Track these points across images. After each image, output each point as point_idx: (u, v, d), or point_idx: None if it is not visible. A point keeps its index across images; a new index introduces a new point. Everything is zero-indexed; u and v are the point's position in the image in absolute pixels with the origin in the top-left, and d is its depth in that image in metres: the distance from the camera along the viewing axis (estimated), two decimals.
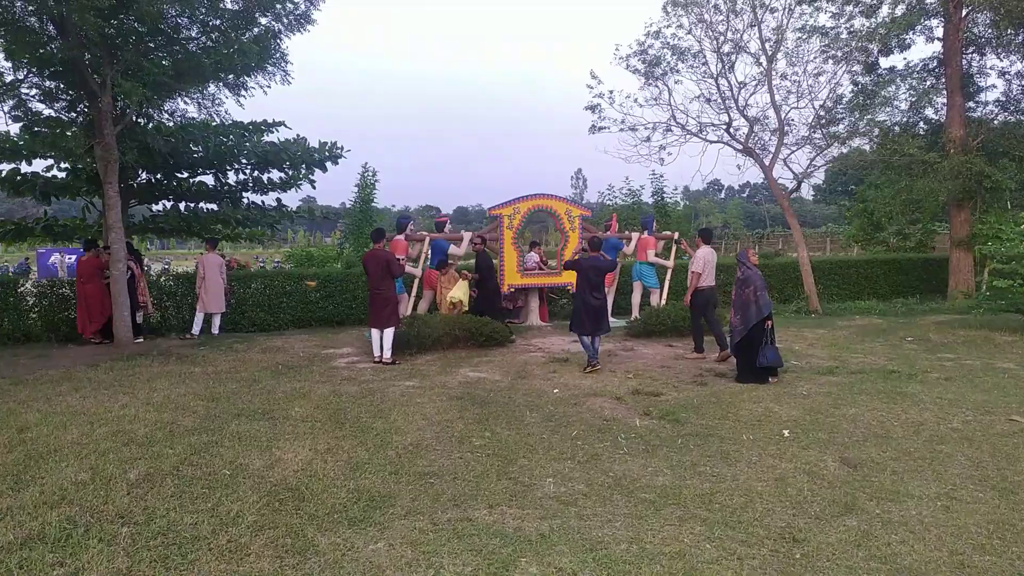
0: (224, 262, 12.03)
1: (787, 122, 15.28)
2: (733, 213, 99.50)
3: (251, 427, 6.19)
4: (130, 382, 8.11)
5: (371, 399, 7.33)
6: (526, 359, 9.75)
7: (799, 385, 8.02)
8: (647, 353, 10.33)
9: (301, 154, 12.71)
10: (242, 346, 10.65)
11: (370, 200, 15.07)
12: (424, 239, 11.72)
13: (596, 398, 7.41)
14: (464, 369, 9.01)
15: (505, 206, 12.10)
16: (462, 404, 7.11)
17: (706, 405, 7.11)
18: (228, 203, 13.56)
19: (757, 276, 8.42)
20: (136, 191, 12.59)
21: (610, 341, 11.27)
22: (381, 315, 9.38)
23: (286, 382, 8.17)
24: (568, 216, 12.55)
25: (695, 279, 9.80)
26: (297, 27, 12.07)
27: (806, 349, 10.58)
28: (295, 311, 12.87)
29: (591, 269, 8.86)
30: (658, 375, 8.67)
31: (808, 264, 15.05)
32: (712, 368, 9.10)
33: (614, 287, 13.43)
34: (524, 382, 8.23)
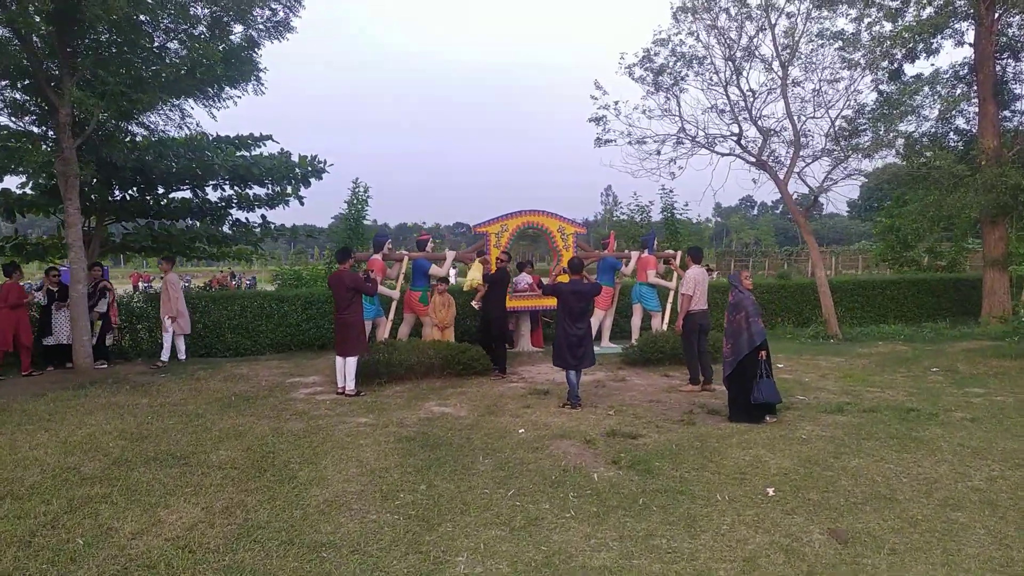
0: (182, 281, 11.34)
1: (803, 133, 14.30)
2: (765, 230, 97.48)
3: (156, 476, 5.45)
4: (62, 416, 7.46)
5: (311, 440, 6.56)
6: (503, 391, 8.92)
7: (800, 426, 7.05)
8: (639, 384, 9.42)
9: (280, 169, 12.09)
10: (206, 373, 9.98)
11: (361, 216, 14.43)
12: (403, 259, 10.98)
13: (563, 441, 6.54)
14: (430, 403, 8.20)
15: (492, 223, 11.32)
16: (410, 447, 6.31)
17: (686, 451, 6.20)
18: (210, 220, 13.04)
19: (750, 301, 7.50)
20: (111, 208, 12.09)
21: (602, 370, 10.40)
22: (344, 342, 8.64)
23: (230, 417, 7.46)
24: (561, 234, 11.73)
25: (685, 302, 8.89)
26: (275, 35, 11.56)
27: (817, 381, 9.57)
28: (274, 334, 12.20)
29: (572, 295, 8.01)
30: (643, 412, 7.77)
31: (826, 285, 13.98)
32: (706, 403, 8.16)
33: (612, 309, 12.53)
34: (491, 419, 7.40)
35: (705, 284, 9.03)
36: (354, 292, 8.62)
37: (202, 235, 12.02)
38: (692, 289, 8.87)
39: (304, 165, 12.47)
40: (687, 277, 8.97)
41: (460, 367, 9.66)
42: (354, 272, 8.89)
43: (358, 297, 8.73)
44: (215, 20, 10.69)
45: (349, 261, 8.80)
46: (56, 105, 9.49)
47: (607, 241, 12.64)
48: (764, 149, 14.56)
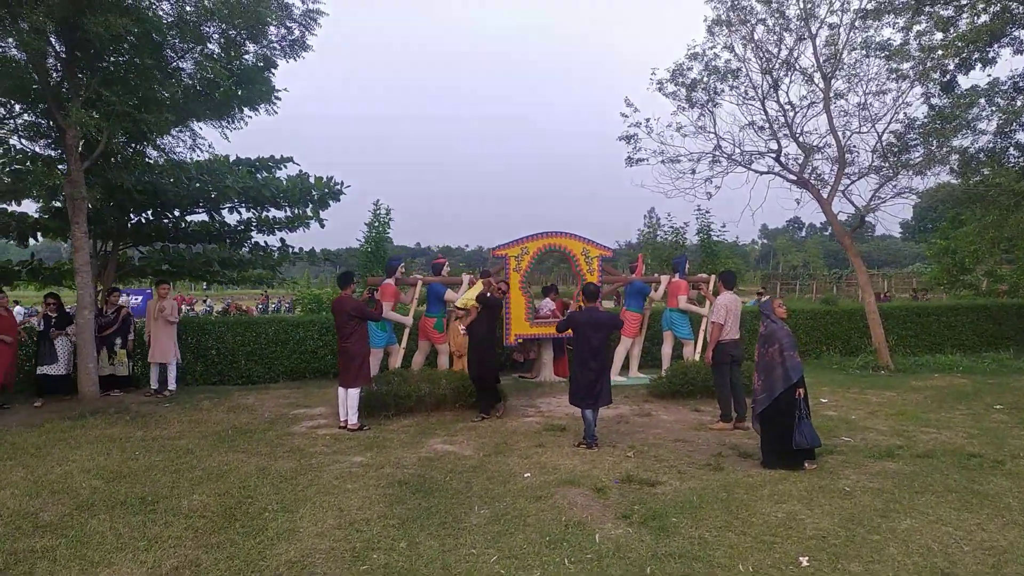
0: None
1: (848, 149, 13.43)
2: (813, 252, 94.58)
3: (115, 525, 4.96)
4: (48, 451, 7.09)
5: (296, 483, 6.02)
6: (516, 426, 8.28)
7: (843, 475, 6.24)
8: (665, 421, 8.67)
9: (295, 191, 11.75)
10: (211, 403, 9.58)
11: (383, 239, 14.03)
12: (416, 283, 10.47)
13: (571, 488, 5.86)
14: (436, 439, 7.61)
15: (511, 246, 10.75)
16: (401, 494, 5.71)
17: (710, 504, 5.46)
18: (229, 244, 12.77)
19: (784, 332, 6.74)
20: (128, 232, 11.90)
21: (626, 403, 9.68)
22: (347, 372, 8.13)
23: (220, 454, 6.98)
24: (585, 257, 11.08)
25: (716, 331, 8.15)
26: (291, 54, 11.30)
27: (865, 419, 8.68)
28: (289, 361, 11.79)
29: (588, 326, 7.33)
30: (666, 453, 7.03)
31: (875, 311, 12.99)
32: (738, 444, 7.39)
33: (641, 337, 11.80)
34: (497, 460, 6.76)
35: (738, 312, 8.28)
36: (357, 319, 8.13)
37: (217, 259, 11.71)
38: (723, 317, 8.13)
39: (320, 187, 12.12)
40: (718, 304, 8.24)
41: (473, 399, 9.05)
42: (357, 298, 8.38)
43: (362, 325, 8.24)
44: (228, 40, 10.48)
45: (351, 286, 8.32)
46: (64, 126, 9.31)
47: (635, 264, 11.94)
48: (806, 166, 13.71)
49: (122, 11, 8.43)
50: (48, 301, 9.99)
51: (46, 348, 9.84)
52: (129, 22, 8.35)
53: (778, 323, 6.87)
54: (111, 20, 8.20)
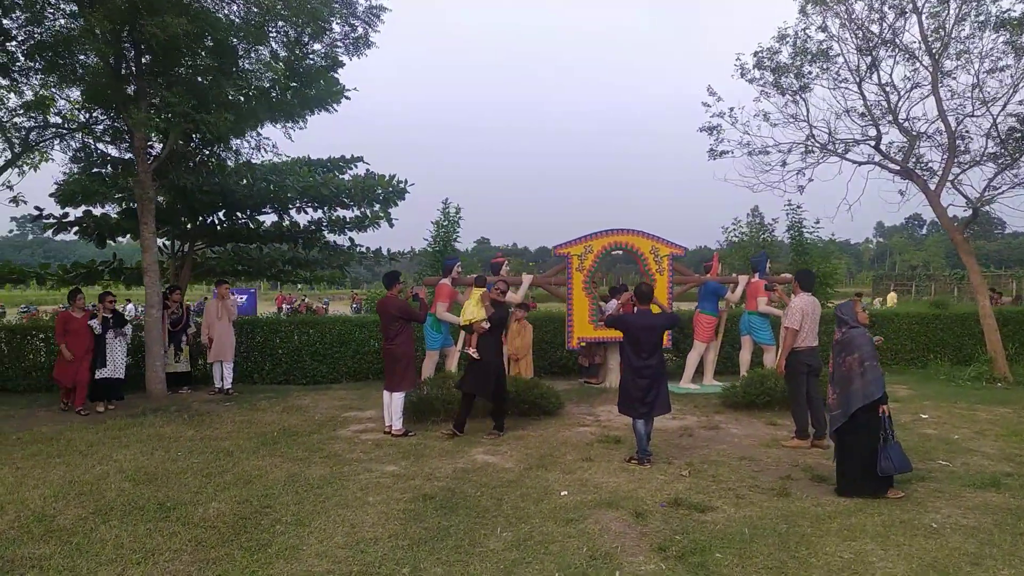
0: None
1: (959, 135, 12.01)
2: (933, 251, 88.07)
3: (122, 533, 4.82)
4: (96, 449, 7.17)
5: (321, 492, 5.75)
6: (568, 436, 7.74)
7: (933, 507, 5.36)
8: (734, 435, 7.89)
9: (358, 190, 11.64)
10: (268, 403, 9.57)
11: (451, 239, 13.75)
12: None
13: (608, 512, 5.29)
14: (478, 449, 7.19)
15: (575, 244, 10.20)
16: (423, 510, 5.32)
17: (764, 538, 4.76)
18: (299, 244, 12.88)
19: (865, 339, 5.88)
20: (203, 232, 12.19)
21: (695, 413, 8.94)
22: (391, 376, 7.85)
23: (258, 458, 6.84)
24: (655, 255, 10.38)
25: (790, 337, 7.30)
26: (355, 51, 11.22)
27: (969, 439, 7.59)
28: (352, 362, 11.70)
29: (642, 329, 6.70)
30: (727, 473, 6.32)
31: (991, 316, 11.54)
32: (813, 465, 6.56)
33: (717, 342, 10.96)
34: (537, 474, 6.27)
35: (816, 316, 7.40)
36: (403, 320, 7.83)
37: (283, 259, 11.79)
38: (799, 322, 7.27)
39: (384, 185, 11.97)
40: (792, 307, 7.39)
41: (525, 406, 8.58)
42: (399, 299, 8.08)
43: (408, 326, 7.93)
44: (291, 40, 10.48)
45: (397, 286, 8.03)
46: (131, 129, 9.53)
47: (710, 264, 11.11)
48: (910, 155, 12.38)
49: (180, 11, 8.49)
50: (107, 301, 9.53)
51: (99, 351, 9.27)
52: (186, 22, 8.39)
53: (858, 329, 6.01)
54: (168, 21, 8.26)
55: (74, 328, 9.19)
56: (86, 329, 9.23)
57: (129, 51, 9.66)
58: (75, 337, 9.15)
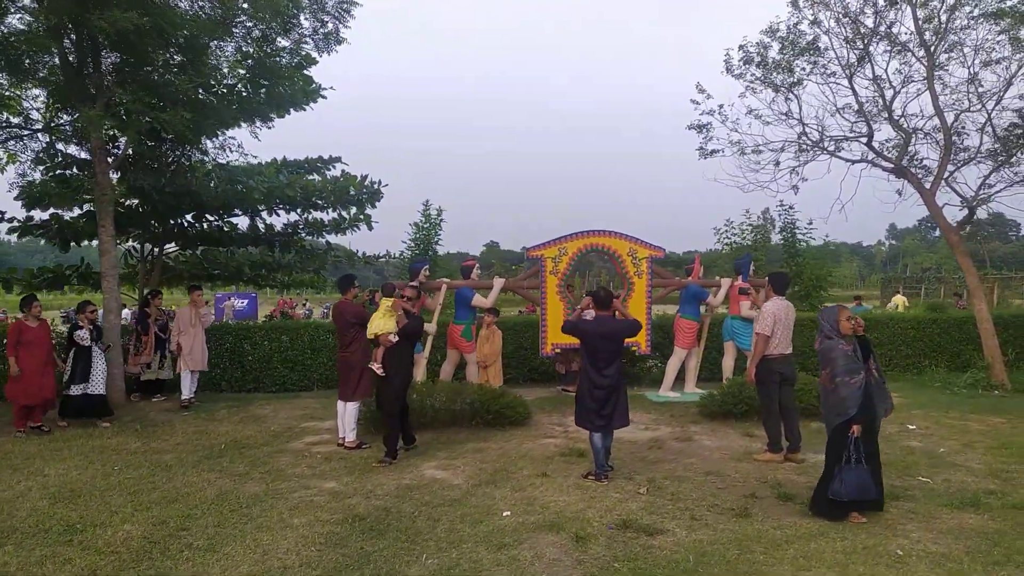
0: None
1: (955, 131, 11.53)
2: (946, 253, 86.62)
3: (11, 560, 4.47)
4: (32, 463, 6.84)
5: (247, 512, 5.38)
6: (530, 448, 7.34)
7: (902, 529, 4.93)
8: (706, 447, 7.46)
9: (326, 192, 11.29)
10: (228, 412, 9.22)
11: (431, 242, 13.38)
12: (441, 287, 9.71)
13: (548, 535, 4.89)
14: (430, 463, 6.79)
15: (548, 246, 9.78)
16: (348, 533, 4.94)
17: (712, 565, 4.35)
18: (276, 247, 12.55)
19: (840, 352, 5.41)
20: (173, 235, 11.88)
21: (670, 423, 8.52)
22: (345, 385, 7.47)
23: (197, 472, 6.50)
24: (633, 258, 9.94)
25: (761, 343, 6.86)
26: (324, 48, 10.91)
27: (956, 453, 7.12)
28: (324, 369, 11.31)
29: (599, 337, 6.27)
30: (689, 490, 5.90)
31: (988, 320, 11.02)
32: (783, 481, 6.13)
33: (699, 348, 10.51)
34: (484, 492, 5.87)
35: (789, 321, 6.96)
36: (359, 326, 7.45)
37: (250, 262, 11.46)
38: (771, 327, 6.83)
39: (357, 186, 11.60)
40: (764, 312, 6.95)
41: (490, 416, 8.18)
42: (355, 304, 7.71)
43: (364, 332, 7.55)
44: (250, 34, 10.18)
45: (351, 291, 7.65)
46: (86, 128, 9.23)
47: (692, 267, 10.66)
48: (904, 153, 11.90)
49: (131, 5, 8.16)
50: (87, 311, 8.75)
51: (83, 364, 8.52)
52: (137, 16, 8.06)
53: (835, 340, 5.52)
54: (117, 15, 7.94)
55: (29, 339, 8.32)
56: (43, 340, 8.46)
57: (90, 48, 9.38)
58: (30, 349, 8.27)
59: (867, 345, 5.46)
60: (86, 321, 8.74)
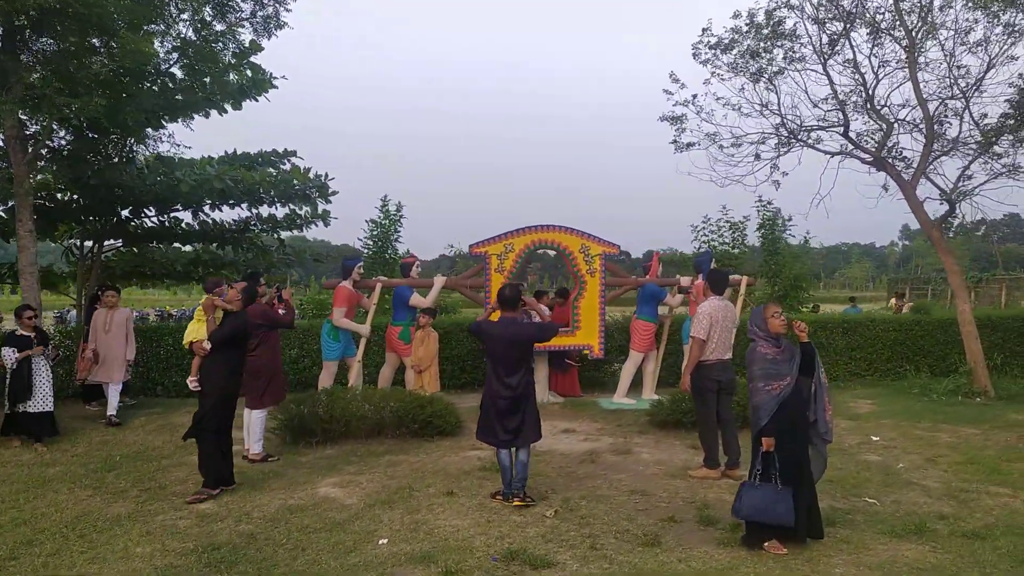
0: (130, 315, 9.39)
1: (938, 119, 10.81)
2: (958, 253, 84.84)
3: None
4: None
5: (93, 540, 4.81)
6: (449, 462, 6.72)
7: (827, 563, 4.29)
8: (644, 460, 6.82)
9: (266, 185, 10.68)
10: (144, 420, 8.64)
11: (389, 238, 12.75)
12: (375, 286, 9.12)
13: (416, 569, 4.28)
14: (331, 479, 6.18)
15: (493, 241, 9.18)
16: (194, 565, 4.35)
17: None
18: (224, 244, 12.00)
19: (757, 356, 4.78)
20: (116, 232, 11.34)
21: (614, 434, 7.90)
22: (250, 391, 6.86)
23: (72, 490, 5.95)
24: (585, 255, 9.33)
25: (696, 348, 6.23)
26: (264, 32, 10.37)
27: (916, 469, 6.44)
28: None
29: (503, 341, 5.58)
30: (603, 512, 5.27)
31: (971, 322, 10.28)
32: (711, 503, 5.48)
33: (658, 352, 9.86)
34: (374, 515, 5.26)
35: (728, 324, 6.32)
36: (266, 328, 6.85)
37: (180, 260, 10.92)
38: (706, 330, 6.19)
39: (302, 179, 10.99)
40: (699, 313, 6.32)
41: (416, 426, 7.57)
42: (263, 305, 7.10)
43: (272, 334, 6.97)
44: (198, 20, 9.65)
45: (258, 289, 7.05)
46: None
47: (650, 264, 10.01)
48: (884, 143, 11.19)
49: None
50: (24, 317, 7.70)
51: (23, 378, 7.38)
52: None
53: (758, 340, 4.89)
54: None
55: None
56: None
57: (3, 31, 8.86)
58: None
59: (810, 353, 4.78)
60: (28, 328, 7.71)
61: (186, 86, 10.16)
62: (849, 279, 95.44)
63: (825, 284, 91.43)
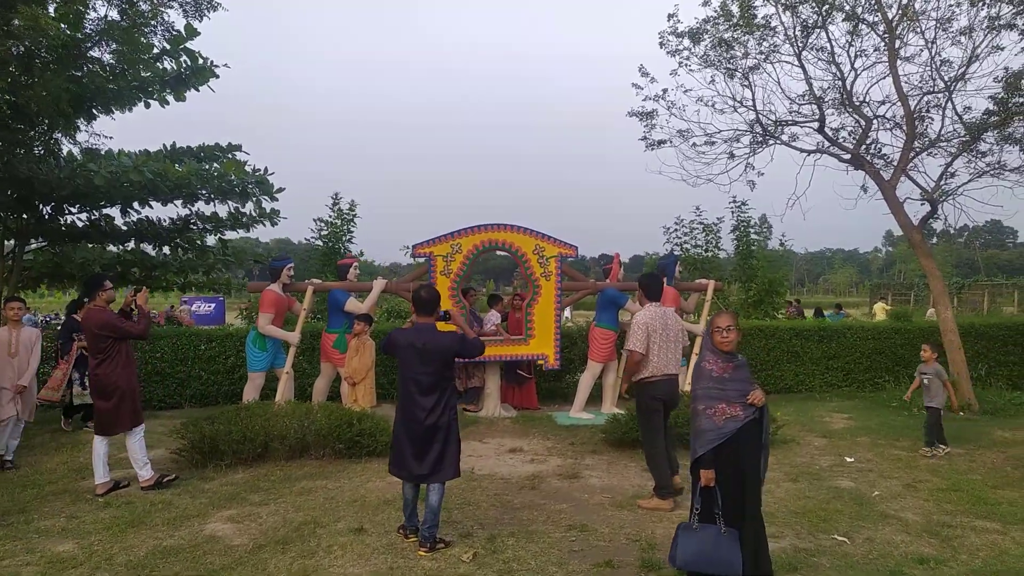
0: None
1: (920, 115, 10.18)
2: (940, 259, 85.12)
3: None
4: None
5: None
6: (371, 489, 5.95)
7: None
8: (592, 486, 6.08)
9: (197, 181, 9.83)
10: (47, 439, 7.82)
11: (343, 239, 11.94)
12: (306, 289, 8.33)
13: None
14: (225, 512, 5.38)
15: (438, 241, 8.42)
16: None
17: None
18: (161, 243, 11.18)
19: (701, 373, 4.07)
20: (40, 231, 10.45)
21: (565, 453, 7.17)
22: (100, 415, 5.99)
23: None
24: (539, 256, 8.59)
25: (631, 362, 5.53)
26: (196, 13, 9.59)
27: (893, 498, 5.74)
28: (198, 384, 9.89)
29: (414, 352, 4.77)
30: (530, 555, 4.52)
31: (954, 331, 9.64)
32: (658, 543, 4.73)
33: (619, 362, 9.11)
34: (260, 558, 4.48)
35: (671, 334, 5.60)
36: (111, 338, 5.95)
37: (98, 261, 10.06)
38: (643, 343, 5.47)
39: (239, 174, 10.14)
40: (634, 324, 5.60)
41: (341, 445, 6.78)
42: (106, 310, 6.15)
43: (121, 346, 6.02)
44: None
45: (101, 294, 6.12)
46: None
47: (609, 267, 9.28)
48: (863, 140, 10.55)
49: None
50: None
51: None
52: None
53: (707, 354, 4.17)
54: None
55: None
56: None
57: None
58: None
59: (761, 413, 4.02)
60: None
61: (116, 73, 9.41)
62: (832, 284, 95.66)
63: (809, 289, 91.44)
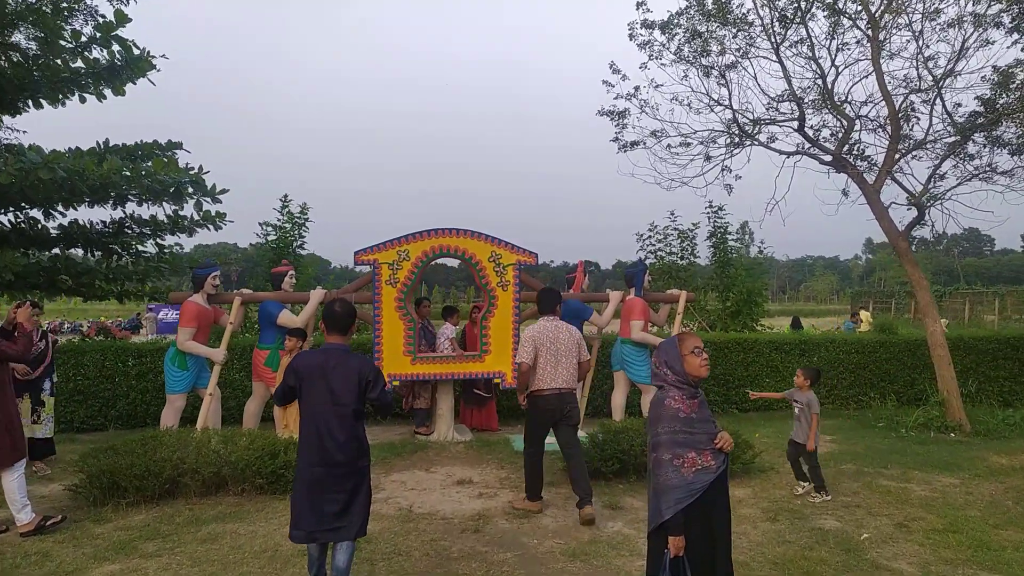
0: None
1: (905, 114, 9.58)
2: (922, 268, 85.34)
3: None
4: None
5: None
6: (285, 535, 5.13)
7: None
8: (542, 528, 5.31)
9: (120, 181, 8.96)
10: None
11: (292, 244, 11.12)
12: (234, 300, 7.52)
13: None
14: (104, 568, 4.56)
15: (383, 248, 7.64)
16: None
17: None
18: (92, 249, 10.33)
19: (668, 415, 3.31)
20: None
21: (518, 485, 6.39)
22: None
23: None
24: (496, 264, 7.83)
25: (521, 375, 5.39)
26: None
27: (885, 540, 5.03)
28: (125, 403, 9.02)
29: (318, 376, 3.91)
30: None
31: (944, 344, 8.99)
32: None
33: (588, 380, 8.37)
34: None
35: (560, 347, 5.36)
36: None
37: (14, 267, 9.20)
38: (530, 355, 5.20)
39: (173, 173, 9.29)
40: (523, 338, 5.23)
41: (262, 480, 5.97)
42: None
43: None
44: None
45: None
46: None
47: (573, 275, 8.55)
48: (845, 141, 9.92)
49: None
50: None
51: None
52: None
53: (671, 389, 3.40)
54: None
55: None
56: None
57: None
58: None
59: None
60: None
61: (40, 63, 8.67)
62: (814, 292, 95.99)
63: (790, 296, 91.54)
